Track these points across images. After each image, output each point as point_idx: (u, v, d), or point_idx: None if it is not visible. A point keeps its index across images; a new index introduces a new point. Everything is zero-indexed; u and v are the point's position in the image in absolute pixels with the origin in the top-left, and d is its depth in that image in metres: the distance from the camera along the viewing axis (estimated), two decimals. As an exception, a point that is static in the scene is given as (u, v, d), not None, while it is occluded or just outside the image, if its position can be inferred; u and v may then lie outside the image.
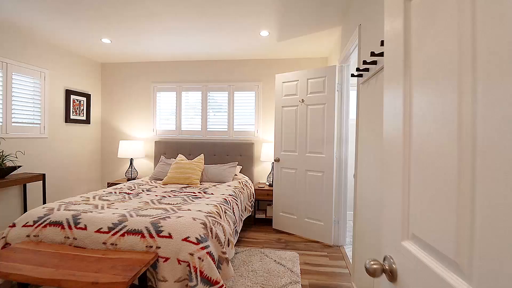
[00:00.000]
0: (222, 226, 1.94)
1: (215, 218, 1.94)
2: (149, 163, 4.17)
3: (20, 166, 2.80)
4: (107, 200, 2.33)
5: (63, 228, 1.81)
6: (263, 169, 3.88)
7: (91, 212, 1.93)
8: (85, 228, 1.78)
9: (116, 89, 4.26)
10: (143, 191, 2.72)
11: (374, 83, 1.59)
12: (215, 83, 4.01)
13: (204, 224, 1.79)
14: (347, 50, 2.45)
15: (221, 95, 4.03)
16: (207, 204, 2.16)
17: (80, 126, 3.91)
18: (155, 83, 4.16)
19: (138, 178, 4.04)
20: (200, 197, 2.44)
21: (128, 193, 2.60)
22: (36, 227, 1.85)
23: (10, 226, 1.90)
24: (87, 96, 4.00)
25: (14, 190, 2.97)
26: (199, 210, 1.97)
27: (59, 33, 3.04)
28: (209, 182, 3.30)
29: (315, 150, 2.94)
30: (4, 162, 2.65)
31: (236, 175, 3.54)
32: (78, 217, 1.86)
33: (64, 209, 1.99)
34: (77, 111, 3.84)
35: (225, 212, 2.19)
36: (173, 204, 2.18)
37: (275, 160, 3.23)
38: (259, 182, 3.81)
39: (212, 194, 2.59)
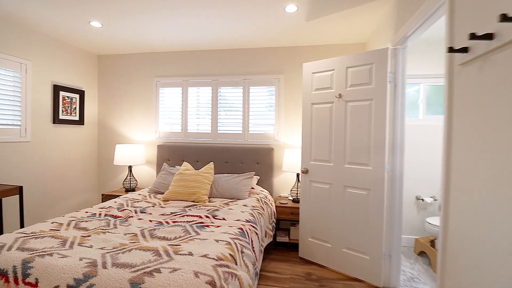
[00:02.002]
0: (238, 278, 1.30)
1: (228, 267, 1.30)
2: (150, 171, 3.59)
3: (-11, 177, 2.27)
4: (84, 229, 1.74)
5: (7, 280, 1.23)
6: (285, 180, 3.22)
7: (51, 254, 1.33)
8: (35, 284, 1.18)
9: (115, 85, 3.71)
10: (135, 212, 2.11)
11: (501, 63, 0.90)
12: (228, 77, 3.38)
13: (212, 283, 1.15)
14: (410, 26, 1.76)
15: (234, 91, 3.39)
16: (217, 242, 1.52)
17: (72, 128, 3.37)
18: (158, 78, 3.57)
19: (137, 189, 3.46)
20: (208, 226, 1.81)
21: (116, 216, 2.00)
22: (-30, 278, 1.27)
23: None
24: (81, 93, 3.46)
25: (-15, 206, 2.44)
26: (204, 255, 1.33)
27: (40, 16, 2.49)
28: (220, 198, 2.66)
29: (358, 160, 2.25)
30: (-36, 173, 2.11)
31: (252, 188, 2.89)
32: (30, 264, 1.26)
33: (18, 248, 1.40)
34: (68, 110, 3.31)
35: (242, 252, 1.54)
36: (170, 240, 1.55)
37: (302, 172, 2.57)
38: (280, 196, 3.15)
39: (223, 219, 1.96)
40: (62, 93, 3.20)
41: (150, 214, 2.07)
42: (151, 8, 2.33)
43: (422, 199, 2.95)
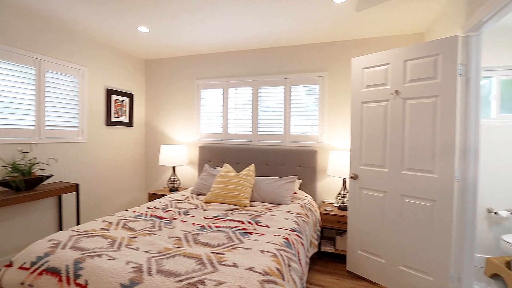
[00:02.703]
0: (286, 296, 1.17)
1: (275, 283, 1.18)
2: (193, 171, 3.65)
3: (52, 175, 2.47)
4: (131, 229, 1.77)
5: (60, 280, 1.26)
6: (329, 185, 3.00)
7: (100, 256, 1.35)
8: (84, 287, 1.20)
9: (160, 88, 3.85)
10: (179, 214, 2.11)
11: None
12: (268, 76, 3.28)
13: (260, 302, 1.04)
14: (489, 9, 1.46)
15: (275, 91, 3.27)
16: (262, 253, 1.41)
17: (122, 129, 3.58)
18: (199, 80, 3.62)
19: (180, 189, 3.54)
20: (251, 233, 1.72)
21: (161, 217, 2.02)
22: (32, 272, 1.34)
23: (6, 266, 1.44)
24: (130, 96, 3.66)
25: (49, 202, 2.68)
26: (250, 269, 1.23)
27: (94, 24, 2.66)
28: (262, 202, 2.56)
29: (419, 166, 1.97)
30: (32, 171, 2.32)
31: (295, 192, 2.74)
32: (81, 264, 1.29)
33: (71, 247, 1.46)
34: (119, 113, 3.51)
35: (289, 266, 1.41)
36: (213, 247, 1.49)
37: (351, 177, 2.35)
38: (325, 202, 2.95)
39: (267, 227, 1.84)
40: (114, 97, 3.40)
41: (193, 216, 2.06)
42: (195, 9, 2.32)
43: (495, 213, 2.51)
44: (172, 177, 3.45)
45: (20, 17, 2.39)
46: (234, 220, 1.94)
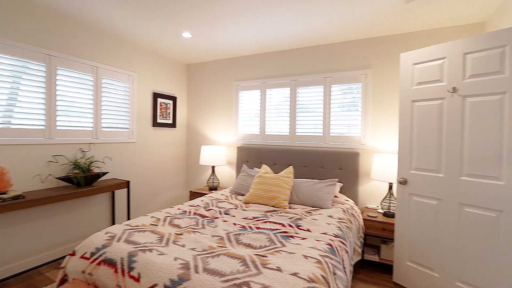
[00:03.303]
0: (332, 305, 1.12)
1: (321, 291, 1.14)
2: (231, 171, 3.73)
3: (106, 172, 2.71)
4: (177, 226, 1.85)
5: (116, 271, 1.37)
6: (373, 189, 2.84)
7: (151, 250, 1.44)
8: (137, 279, 1.28)
9: (200, 90, 4.00)
10: (220, 213, 2.17)
11: None
12: (307, 76, 3.21)
13: (306, 310, 1.01)
14: None
15: (314, 90, 3.19)
16: (306, 258, 1.37)
17: (167, 130, 3.79)
18: (238, 81, 3.68)
19: (219, 188, 3.64)
20: (292, 236, 1.69)
21: (203, 216, 2.09)
22: (92, 262, 1.48)
23: (70, 254, 1.60)
24: (174, 99, 3.86)
25: (104, 197, 2.94)
26: (295, 274, 1.20)
27: (142, 33, 2.85)
28: (301, 205, 2.51)
29: (482, 172, 1.76)
30: (90, 168, 2.57)
31: (336, 196, 2.64)
32: (134, 258, 1.38)
33: (125, 240, 1.58)
34: (164, 115, 3.73)
35: (334, 274, 1.35)
36: (255, 249, 1.49)
37: (399, 182, 2.18)
38: (368, 208, 2.79)
39: (308, 231, 1.80)
40: (159, 100, 3.62)
41: (234, 216, 2.09)
42: (235, 12, 2.36)
43: None
44: (211, 177, 3.56)
45: (81, 30, 2.66)
46: (274, 222, 1.93)
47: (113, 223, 3.04)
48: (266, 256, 1.38)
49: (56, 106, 2.46)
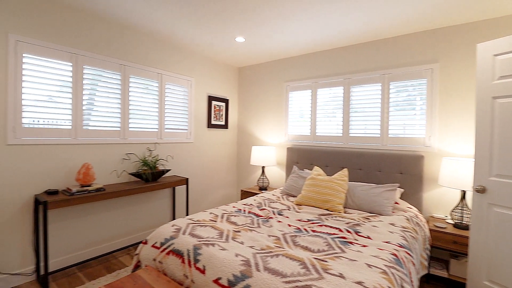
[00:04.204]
0: (401, 320, 1.05)
1: (389, 304, 1.07)
2: (280, 172, 3.74)
3: (169, 170, 2.96)
4: (234, 223, 1.93)
5: (183, 262, 1.49)
6: (440, 197, 2.56)
7: (213, 245, 1.53)
8: (203, 271, 1.37)
9: (251, 92, 4.11)
10: (274, 213, 2.19)
11: None
12: (362, 74, 3.04)
13: (374, 321, 0.96)
14: None
15: (370, 89, 3.01)
16: (370, 267, 1.31)
17: (219, 131, 3.98)
18: (288, 82, 3.67)
19: (269, 188, 3.68)
20: (351, 243, 1.62)
21: (257, 215, 2.14)
22: (161, 251, 1.63)
23: (142, 243, 1.79)
24: (226, 101, 4.04)
25: (166, 192, 3.22)
26: (359, 283, 1.16)
27: (199, 40, 3.04)
28: (357, 210, 2.40)
29: None
30: (156, 166, 2.83)
31: (396, 203, 2.45)
32: (199, 250, 1.49)
33: (189, 233, 1.70)
34: (217, 116, 3.92)
35: (402, 287, 1.26)
36: (314, 252, 1.47)
37: (476, 190, 1.93)
38: (433, 217, 2.53)
39: (368, 238, 1.71)
40: (213, 102, 3.82)
41: (287, 217, 2.10)
42: (287, 14, 2.36)
43: None
44: (261, 177, 3.63)
45: (149, 42, 2.95)
46: (331, 227, 1.88)
47: (174, 217, 3.30)
48: (326, 261, 1.35)
49: (129, 110, 2.78)
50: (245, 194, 3.56)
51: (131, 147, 2.82)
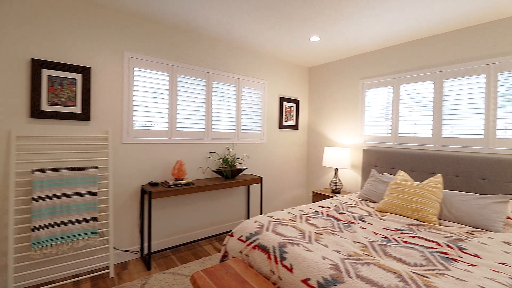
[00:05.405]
0: None
1: None
2: (355, 175, 3.55)
3: (245, 168, 3.13)
4: (314, 225, 1.93)
5: (269, 257, 1.56)
6: None
7: (298, 245, 1.55)
8: (290, 270, 1.41)
9: (322, 92, 4.00)
10: (354, 219, 2.10)
11: None
12: (458, 65, 2.63)
13: None
14: None
15: (469, 82, 2.58)
16: (486, 291, 1.13)
17: (290, 132, 4.01)
18: (364, 79, 3.44)
19: (342, 192, 3.53)
20: (455, 260, 1.43)
21: (337, 219, 2.08)
22: (247, 245, 1.74)
23: (229, 235, 1.94)
24: (297, 102, 4.04)
25: (242, 189, 3.42)
26: (475, 307, 1.01)
27: (272, 42, 3.11)
28: (455, 223, 2.09)
29: None
30: (234, 164, 3.03)
31: (509, 218, 2.04)
32: (285, 249, 1.53)
33: (272, 231, 1.77)
34: (288, 117, 3.95)
35: (533, 320, 1.05)
36: (410, 266, 1.35)
37: None
38: None
39: (477, 257, 1.47)
40: (285, 103, 3.87)
41: (371, 224, 1.97)
42: (367, 7, 2.21)
43: None
44: (334, 179, 3.50)
45: (228, 49, 3.18)
46: (425, 239, 1.69)
47: (248, 213, 3.48)
48: (427, 277, 1.22)
49: (212, 112, 3.05)
50: (317, 196, 3.50)
51: (213, 147, 3.08)
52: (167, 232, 2.79)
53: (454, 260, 1.42)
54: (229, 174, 2.92)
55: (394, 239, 1.69)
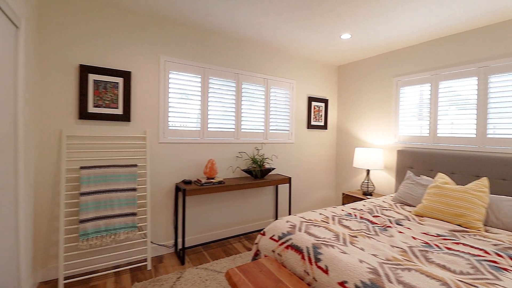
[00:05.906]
0: None
1: None
2: (388, 178, 3.40)
3: (273, 168, 3.14)
4: (347, 227, 1.89)
5: (303, 258, 1.55)
6: None
7: (333, 246, 1.53)
8: (326, 271, 1.39)
9: (351, 91, 3.89)
10: (391, 222, 2.02)
11: None
12: (506, 59, 2.42)
13: None
14: None
15: (524, 79, 2.37)
16: (547, 305, 1.04)
17: (319, 132, 3.95)
18: (398, 77, 3.29)
19: (374, 194, 3.41)
20: (506, 270, 1.32)
21: (372, 222, 2.02)
22: (280, 245, 1.75)
23: (261, 234, 1.96)
24: (325, 102, 3.97)
25: (271, 189, 3.43)
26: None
27: (301, 41, 3.08)
28: (504, 230, 1.93)
29: None
30: (263, 164, 3.06)
31: None
32: (319, 250, 1.52)
33: (305, 231, 1.77)
34: (317, 117, 3.90)
35: None
36: (456, 274, 1.28)
37: None
38: None
39: (534, 268, 1.35)
40: (313, 103, 3.82)
41: (409, 229, 1.89)
42: (400, 1, 2.11)
43: None
44: (365, 181, 3.39)
45: (257, 51, 3.21)
46: (471, 246, 1.58)
47: (276, 213, 3.49)
48: (475, 286, 1.15)
49: (241, 113, 3.10)
50: (347, 198, 3.41)
51: (242, 146, 3.13)
52: (199, 229, 2.89)
53: (505, 269, 1.32)
54: (258, 173, 2.95)
55: (436, 245, 1.61)
